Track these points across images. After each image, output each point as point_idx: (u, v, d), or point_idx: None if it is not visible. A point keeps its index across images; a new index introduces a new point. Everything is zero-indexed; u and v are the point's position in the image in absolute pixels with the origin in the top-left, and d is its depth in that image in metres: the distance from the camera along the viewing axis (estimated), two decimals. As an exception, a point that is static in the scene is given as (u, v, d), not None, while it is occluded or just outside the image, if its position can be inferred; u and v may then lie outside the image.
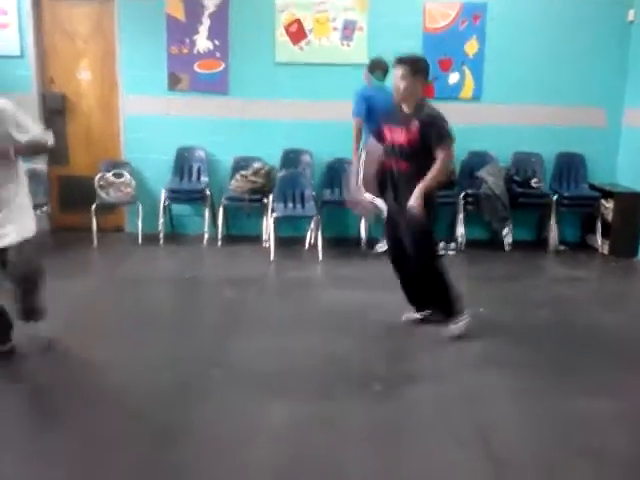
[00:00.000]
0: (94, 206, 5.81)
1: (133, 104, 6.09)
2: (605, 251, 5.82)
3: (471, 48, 6.06)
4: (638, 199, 5.74)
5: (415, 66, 3.63)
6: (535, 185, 5.94)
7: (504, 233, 5.90)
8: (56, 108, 6.17)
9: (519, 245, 5.91)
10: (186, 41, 6.02)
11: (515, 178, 5.96)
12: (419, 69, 3.64)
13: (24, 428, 2.91)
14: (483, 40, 6.02)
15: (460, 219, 5.91)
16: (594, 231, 5.95)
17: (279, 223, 5.62)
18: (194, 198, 6.05)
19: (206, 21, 6.01)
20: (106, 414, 2.96)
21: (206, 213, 5.97)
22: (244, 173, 5.85)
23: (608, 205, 5.81)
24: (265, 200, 5.80)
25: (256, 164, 5.92)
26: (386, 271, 4.09)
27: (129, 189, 5.94)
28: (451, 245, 5.82)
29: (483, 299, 4.44)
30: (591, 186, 6.10)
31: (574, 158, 6.17)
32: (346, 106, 5.46)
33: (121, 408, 3.02)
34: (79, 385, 3.26)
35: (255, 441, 2.76)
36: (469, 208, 5.92)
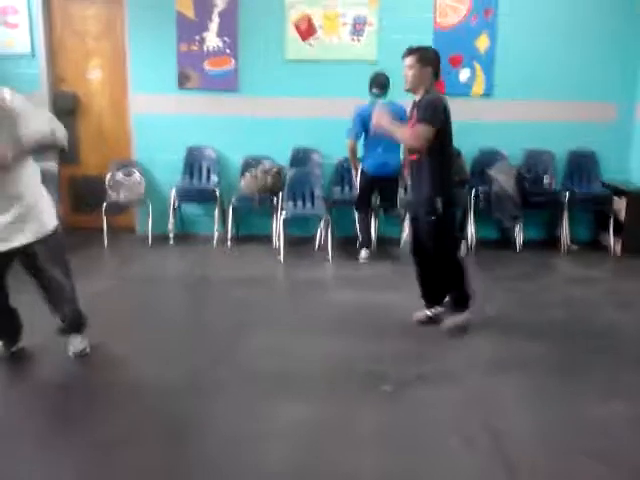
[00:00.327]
0: (104, 206, 5.83)
1: (143, 103, 6.09)
2: (618, 250, 5.77)
3: (482, 44, 6.00)
4: (651, 197, 5.69)
5: (424, 55, 3.67)
6: (547, 183, 5.89)
7: (515, 232, 5.85)
8: (67, 107, 6.19)
9: (530, 244, 5.87)
10: (196, 39, 6.01)
11: (526, 176, 5.90)
12: (428, 58, 3.67)
13: (38, 426, 2.92)
14: (494, 36, 5.96)
15: (470, 218, 5.87)
16: (606, 230, 5.89)
17: (289, 223, 5.61)
18: (204, 198, 6.05)
19: (216, 18, 6.00)
20: (117, 413, 2.98)
21: (216, 213, 5.97)
22: (254, 172, 5.84)
23: (620, 203, 5.75)
24: (275, 199, 5.78)
25: (266, 163, 5.91)
26: (396, 271, 4.07)
27: (139, 189, 5.95)
28: (461, 244, 5.78)
29: (495, 299, 4.41)
30: (603, 184, 6.04)
31: (586, 155, 6.11)
32: (354, 103, 5.42)
33: (132, 407, 3.03)
34: (89, 385, 3.29)
35: (266, 440, 2.76)
36: (479, 207, 5.88)
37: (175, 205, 5.99)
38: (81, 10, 6.13)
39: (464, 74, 6.04)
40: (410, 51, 3.69)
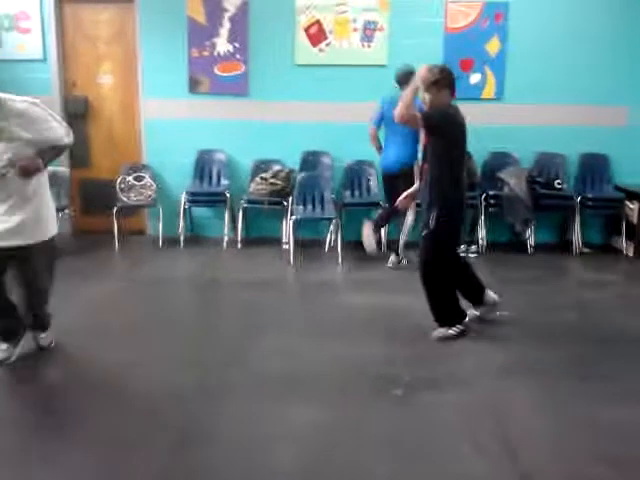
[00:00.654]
0: (115, 209, 5.85)
1: (154, 107, 6.12)
2: (630, 253, 5.72)
3: (493, 47, 5.99)
4: (664, 200, 5.65)
5: (439, 80, 3.69)
6: (559, 186, 5.86)
7: (527, 235, 5.83)
8: (78, 112, 6.23)
9: (542, 247, 5.83)
10: (207, 44, 6.03)
11: (537, 179, 5.87)
12: (442, 82, 3.70)
13: (44, 431, 2.91)
14: (505, 39, 5.95)
15: (481, 221, 5.84)
16: (619, 233, 5.84)
17: (299, 225, 5.61)
18: (214, 201, 6.07)
19: (226, 23, 6.02)
20: (126, 416, 2.97)
21: (226, 216, 5.98)
22: (264, 176, 5.86)
23: (633, 206, 5.71)
24: (285, 202, 5.79)
25: (276, 167, 5.92)
26: (406, 275, 4.06)
27: (150, 192, 5.98)
28: (472, 248, 5.76)
29: (506, 303, 4.37)
30: (616, 187, 6.00)
31: (598, 158, 6.08)
32: (366, 108, 5.43)
33: (141, 410, 3.03)
34: (99, 387, 3.28)
35: (277, 444, 2.74)
36: (491, 210, 5.85)
37: (185, 208, 6.00)
38: (93, 15, 6.18)
39: (475, 78, 6.03)
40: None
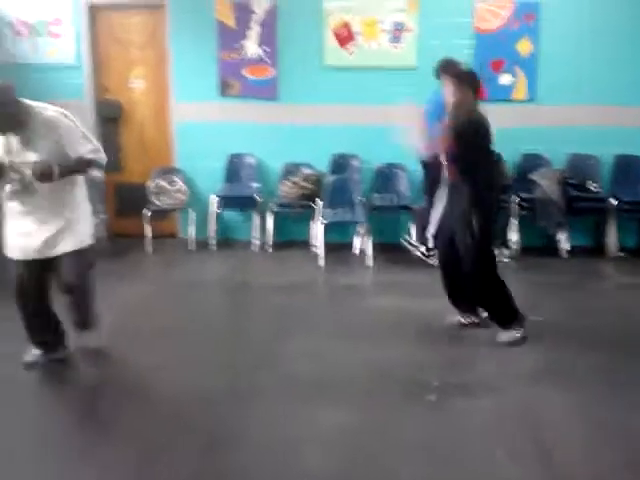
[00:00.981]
0: (148, 212, 5.92)
1: (185, 111, 6.17)
2: (667, 257, 5.59)
3: (524, 48, 5.91)
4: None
5: (465, 80, 3.70)
6: (593, 189, 5.74)
7: (560, 239, 5.73)
8: (110, 116, 6.32)
9: (576, 251, 5.72)
10: (236, 47, 6.07)
11: (570, 181, 5.77)
12: (468, 82, 3.70)
13: (77, 433, 2.97)
14: (536, 40, 5.86)
15: (514, 224, 5.76)
16: (655, 236, 5.71)
17: (328, 229, 5.60)
18: (244, 204, 6.10)
19: (255, 27, 6.05)
20: (156, 418, 3.02)
21: (256, 219, 6.01)
22: (294, 179, 5.87)
23: (669, 209, 5.58)
24: (314, 206, 5.79)
25: (305, 170, 5.93)
26: (436, 277, 4.03)
27: (181, 195, 6.04)
28: (505, 251, 5.68)
29: (541, 307, 4.31)
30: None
31: (633, 160, 5.94)
32: (395, 110, 5.38)
33: (171, 413, 3.06)
34: (131, 389, 3.34)
35: (306, 447, 2.75)
36: (523, 213, 5.77)
37: (216, 211, 6.05)
38: (124, 20, 6.26)
39: (505, 79, 5.96)
40: (449, 74, 3.77)
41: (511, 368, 3.53)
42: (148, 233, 5.89)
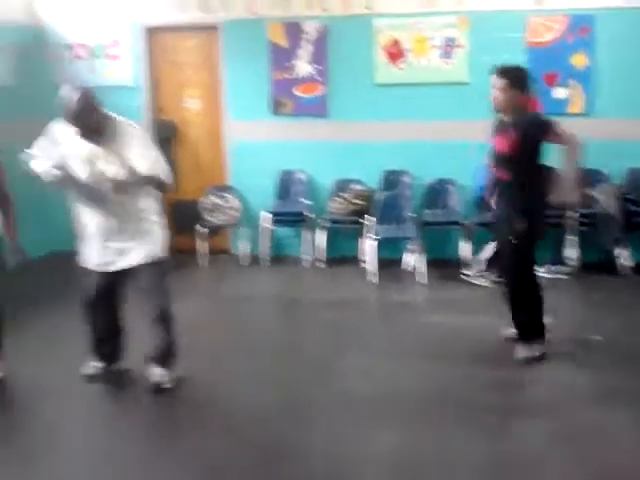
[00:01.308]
0: (201, 229, 6.03)
1: (238, 130, 6.29)
2: None
3: (579, 61, 5.81)
4: None
5: (514, 78, 3.63)
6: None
7: (619, 255, 5.56)
8: (166, 136, 6.48)
9: (636, 268, 5.53)
10: (287, 66, 6.16)
11: (629, 197, 5.61)
12: (518, 80, 3.64)
13: (136, 446, 3.02)
14: (592, 53, 5.75)
15: (571, 240, 5.63)
16: None
17: (379, 245, 5.59)
18: (295, 220, 6.15)
19: (306, 46, 6.13)
20: (215, 433, 3.04)
21: (307, 235, 6.05)
22: (344, 195, 5.90)
23: None
24: (365, 222, 5.80)
25: (356, 186, 5.95)
26: (490, 294, 3.98)
27: (234, 212, 6.14)
28: (561, 268, 5.55)
29: (600, 326, 4.19)
30: None
31: (696, 174, 5.74)
32: (446, 125, 5.37)
33: (227, 430, 3.08)
34: (186, 406, 3.37)
35: (364, 468, 2.74)
36: (581, 229, 5.63)
37: (268, 228, 6.12)
38: (179, 42, 6.44)
39: (560, 92, 5.86)
40: (500, 72, 3.64)
41: (569, 388, 3.44)
42: (201, 249, 6.00)
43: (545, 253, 4.98)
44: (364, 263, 5.74)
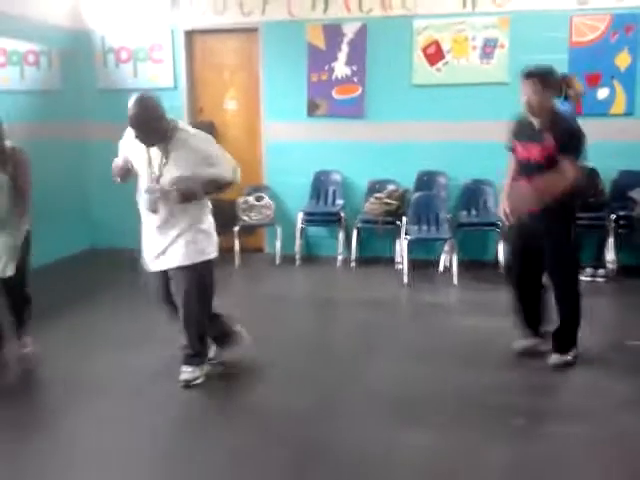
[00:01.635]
0: (237, 228, 6.12)
1: (275, 131, 6.36)
2: None
3: (622, 61, 5.67)
4: None
5: (546, 81, 3.52)
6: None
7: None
8: (206, 136, 6.58)
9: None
10: (325, 68, 6.19)
11: (672, 199, 5.43)
12: (550, 83, 3.54)
13: (168, 441, 3.07)
14: (636, 52, 5.61)
15: (611, 243, 5.48)
16: None
17: (413, 245, 5.56)
18: (329, 220, 6.18)
19: (345, 47, 6.15)
20: (247, 431, 3.05)
21: (340, 235, 6.06)
22: (378, 195, 5.89)
23: None
24: (399, 222, 5.77)
25: (390, 186, 5.94)
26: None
27: (269, 212, 6.20)
28: (600, 271, 5.41)
29: (637, 330, 4.07)
30: None
31: None
32: (484, 126, 5.31)
33: (261, 428, 3.09)
34: (220, 404, 3.40)
35: (396, 469, 2.71)
36: (621, 231, 5.48)
37: (302, 227, 6.16)
38: (219, 44, 6.55)
39: (602, 93, 5.73)
40: (531, 75, 3.53)
41: (603, 393, 3.35)
42: (237, 247, 6.08)
43: (585, 257, 4.87)
44: (399, 264, 5.71)
